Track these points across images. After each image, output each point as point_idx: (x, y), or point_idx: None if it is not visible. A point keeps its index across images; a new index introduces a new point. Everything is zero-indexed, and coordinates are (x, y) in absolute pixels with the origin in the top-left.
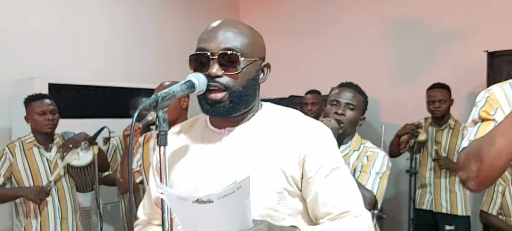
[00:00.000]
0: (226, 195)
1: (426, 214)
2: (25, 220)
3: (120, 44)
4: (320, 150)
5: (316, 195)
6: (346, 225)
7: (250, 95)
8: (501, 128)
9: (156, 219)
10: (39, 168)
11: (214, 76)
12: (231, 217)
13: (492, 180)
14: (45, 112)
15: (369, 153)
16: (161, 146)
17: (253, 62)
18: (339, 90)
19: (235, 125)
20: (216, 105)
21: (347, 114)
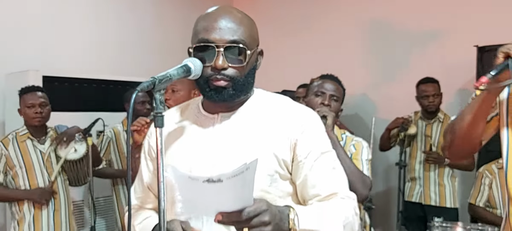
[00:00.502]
0: (236, 175)
1: (415, 206)
2: (18, 213)
3: (114, 38)
4: (311, 135)
5: (306, 178)
6: (334, 205)
7: (250, 83)
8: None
9: (148, 203)
10: (32, 160)
11: (220, 68)
12: (236, 196)
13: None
14: (34, 105)
15: (354, 142)
16: (157, 127)
17: (253, 52)
18: (322, 81)
19: (228, 110)
20: (220, 91)
21: (332, 105)
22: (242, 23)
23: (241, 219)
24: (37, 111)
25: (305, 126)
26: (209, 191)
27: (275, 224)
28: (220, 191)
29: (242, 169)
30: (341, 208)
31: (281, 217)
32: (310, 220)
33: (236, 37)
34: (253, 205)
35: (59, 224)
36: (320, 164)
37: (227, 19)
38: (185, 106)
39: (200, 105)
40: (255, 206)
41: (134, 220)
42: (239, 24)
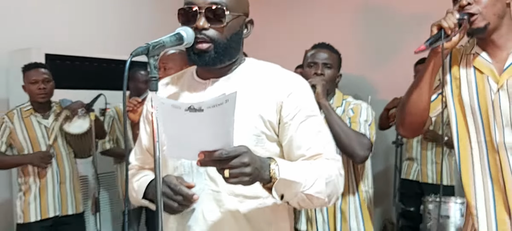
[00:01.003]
0: (215, 106)
1: (412, 184)
2: (24, 185)
3: (116, 16)
4: (297, 98)
5: (291, 139)
6: (317, 163)
7: (234, 48)
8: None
9: (147, 164)
10: (37, 135)
11: (200, 29)
12: (217, 131)
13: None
14: (37, 81)
15: (352, 106)
16: (152, 90)
17: (237, 17)
18: (314, 51)
19: (219, 76)
20: (202, 55)
21: (326, 73)
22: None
23: (221, 158)
24: (40, 87)
25: (291, 89)
26: (191, 123)
27: (255, 169)
28: (201, 123)
29: (221, 99)
30: (325, 167)
31: (262, 165)
32: (291, 172)
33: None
34: (234, 147)
35: (65, 195)
36: (306, 126)
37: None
38: (181, 74)
39: (194, 72)
40: (235, 147)
41: (132, 178)
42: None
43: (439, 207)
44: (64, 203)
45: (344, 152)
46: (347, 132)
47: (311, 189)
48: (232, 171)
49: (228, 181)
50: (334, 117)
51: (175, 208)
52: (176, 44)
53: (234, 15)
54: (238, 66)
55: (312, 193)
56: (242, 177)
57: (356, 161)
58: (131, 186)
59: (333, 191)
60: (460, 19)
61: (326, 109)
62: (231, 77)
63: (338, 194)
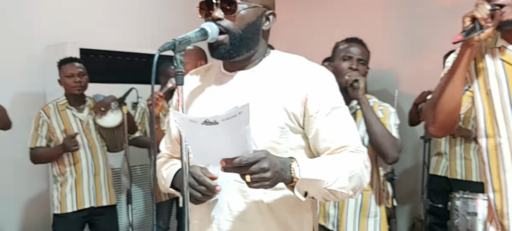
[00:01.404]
0: (229, 118)
1: (440, 180)
2: (61, 176)
3: (149, 12)
4: (322, 91)
5: (317, 132)
6: (342, 157)
7: (250, 39)
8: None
9: (176, 153)
10: (72, 127)
11: (216, 19)
12: (234, 141)
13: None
14: (73, 74)
15: (381, 107)
16: (178, 84)
17: (253, 7)
18: (348, 45)
19: (245, 68)
20: (218, 47)
21: (360, 68)
22: None
23: (240, 165)
24: (76, 80)
25: (316, 82)
26: (208, 134)
27: (275, 172)
28: (218, 134)
29: (235, 112)
30: (349, 161)
31: (282, 166)
32: (312, 170)
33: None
34: (252, 153)
35: (99, 187)
36: (331, 118)
37: None
38: (208, 67)
39: (221, 65)
40: (253, 153)
41: (161, 166)
42: None
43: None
44: (99, 195)
45: (377, 150)
46: (383, 131)
47: (334, 185)
48: (253, 177)
49: (250, 186)
50: (372, 115)
51: (198, 198)
52: (201, 39)
53: (250, 5)
54: (263, 58)
55: (336, 188)
56: (262, 182)
57: (388, 162)
58: (160, 174)
59: (357, 184)
60: (491, 10)
61: (365, 106)
62: (256, 69)
63: (363, 186)
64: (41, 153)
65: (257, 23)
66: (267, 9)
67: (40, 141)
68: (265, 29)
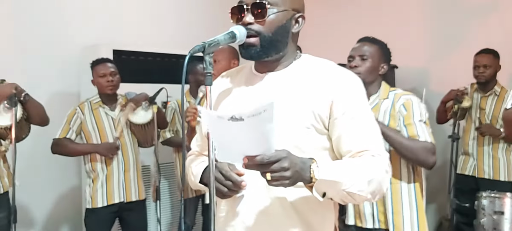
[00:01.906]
0: (254, 115)
1: (468, 179)
2: (93, 173)
3: (179, 14)
4: (348, 95)
5: (341, 134)
6: (363, 160)
7: (280, 41)
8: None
9: (205, 151)
10: (105, 125)
11: (247, 24)
12: (258, 138)
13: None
14: (105, 74)
15: (403, 100)
16: (207, 85)
17: (282, 11)
18: (357, 45)
19: (276, 70)
20: (248, 48)
21: (362, 65)
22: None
23: (262, 162)
24: (108, 80)
25: (343, 86)
26: (234, 131)
27: (295, 172)
28: (243, 131)
29: (260, 109)
30: (370, 165)
31: (302, 166)
32: (331, 172)
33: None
34: (274, 152)
35: (128, 182)
36: (355, 122)
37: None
38: (240, 69)
39: (252, 66)
40: (275, 152)
41: (191, 163)
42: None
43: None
44: (128, 190)
45: (412, 163)
46: (407, 146)
47: (353, 187)
48: (273, 175)
49: (270, 184)
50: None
51: (225, 193)
52: (230, 42)
53: (279, 9)
54: (294, 61)
55: (354, 191)
56: (282, 180)
57: (428, 168)
58: (190, 170)
59: (377, 189)
60: None
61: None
62: (286, 71)
63: (383, 191)
64: (68, 145)
65: (286, 26)
66: (296, 13)
67: (70, 134)
68: (294, 32)
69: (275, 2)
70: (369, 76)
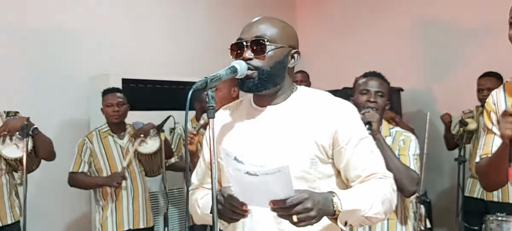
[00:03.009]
0: (268, 174)
1: (476, 202)
2: (103, 201)
3: (184, 43)
4: (350, 124)
5: (348, 162)
6: (373, 184)
7: (277, 75)
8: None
9: (207, 183)
10: (113, 154)
11: (246, 59)
12: (275, 190)
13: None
14: (112, 104)
15: (403, 137)
16: (210, 118)
17: (280, 47)
18: (366, 79)
19: (274, 103)
20: (247, 81)
21: (378, 101)
22: (273, 25)
23: (285, 206)
24: (115, 110)
25: (344, 117)
26: (251, 181)
27: (319, 209)
28: (260, 184)
29: (274, 170)
30: (380, 187)
31: (325, 202)
32: (351, 201)
33: (259, 33)
34: (295, 194)
35: (137, 210)
36: (360, 148)
37: (258, 22)
38: (239, 102)
39: (251, 100)
40: (297, 195)
41: (195, 195)
42: (269, 26)
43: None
44: (136, 217)
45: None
46: (399, 167)
47: (370, 211)
48: (299, 216)
49: (297, 225)
50: (387, 152)
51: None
52: (231, 76)
53: (277, 46)
54: (291, 94)
55: (371, 214)
56: (309, 220)
57: (405, 195)
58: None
59: (388, 208)
60: None
61: (379, 144)
62: (286, 104)
63: (392, 208)
64: (81, 179)
65: (283, 61)
66: (292, 49)
67: (83, 166)
68: (290, 67)
69: (273, 39)
70: (382, 113)
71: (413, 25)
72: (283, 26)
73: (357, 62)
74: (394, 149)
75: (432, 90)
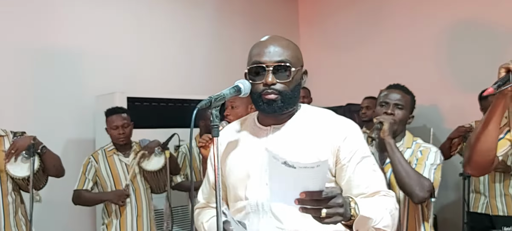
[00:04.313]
0: (307, 167)
1: (481, 217)
2: (107, 218)
3: (189, 60)
4: (352, 142)
5: (350, 179)
6: (379, 200)
7: (296, 97)
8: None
9: (213, 202)
10: (119, 172)
11: (270, 84)
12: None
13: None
14: (117, 126)
15: (422, 148)
16: (214, 137)
17: (299, 70)
18: (388, 91)
19: (279, 122)
20: (271, 104)
21: (396, 113)
22: (288, 47)
23: (320, 198)
24: (120, 132)
25: (346, 134)
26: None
27: (346, 209)
28: (295, 176)
29: (313, 164)
30: (385, 202)
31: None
32: (366, 209)
33: (282, 57)
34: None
35: (141, 227)
36: (362, 166)
37: (275, 44)
38: (243, 121)
39: (255, 119)
40: (330, 189)
41: (201, 217)
42: (285, 48)
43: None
44: None
45: (403, 190)
46: (408, 171)
47: (380, 224)
48: (328, 211)
49: (323, 221)
50: (397, 155)
51: None
52: (235, 95)
53: (297, 69)
54: (295, 113)
55: (381, 226)
56: (336, 217)
57: (414, 201)
58: (202, 226)
59: (394, 223)
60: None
61: (390, 146)
62: (290, 123)
63: (395, 225)
64: (84, 195)
65: (300, 82)
66: (302, 67)
67: (87, 184)
68: (302, 86)
69: (294, 62)
70: (400, 126)
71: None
72: (294, 47)
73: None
74: (411, 160)
75: (436, 105)
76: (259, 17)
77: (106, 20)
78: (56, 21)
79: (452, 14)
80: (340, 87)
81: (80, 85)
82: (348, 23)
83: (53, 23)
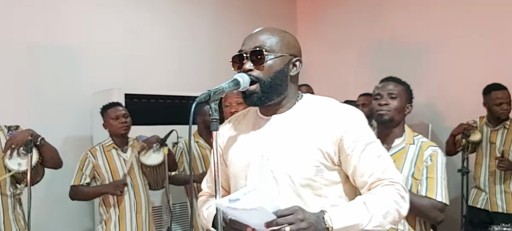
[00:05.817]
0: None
1: (480, 213)
2: (106, 214)
3: (187, 57)
4: (355, 130)
5: (355, 169)
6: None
7: (280, 85)
8: None
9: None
10: (117, 166)
11: (247, 70)
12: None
13: None
14: (118, 117)
15: (430, 151)
16: (213, 130)
17: (280, 57)
18: (381, 84)
19: (280, 112)
20: (251, 96)
21: (391, 103)
22: (272, 34)
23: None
24: (122, 121)
25: (348, 123)
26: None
27: (310, 223)
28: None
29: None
30: (382, 198)
31: (316, 219)
32: (344, 217)
33: (257, 44)
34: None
35: (140, 224)
36: (366, 154)
37: (257, 33)
38: (246, 112)
39: (257, 109)
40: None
41: (202, 206)
42: (268, 36)
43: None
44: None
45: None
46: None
47: (370, 224)
48: (291, 227)
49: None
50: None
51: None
52: (234, 89)
53: (276, 55)
54: (296, 102)
55: (371, 227)
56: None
57: (436, 224)
58: (202, 213)
59: (394, 217)
60: None
61: None
62: (291, 112)
63: (402, 215)
64: (82, 190)
65: (284, 70)
66: (293, 57)
67: (84, 179)
68: (292, 75)
69: (272, 49)
70: (397, 115)
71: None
72: (282, 35)
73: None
74: (419, 164)
75: (434, 101)
76: (257, 13)
77: (104, 16)
78: (54, 18)
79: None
80: (337, 83)
81: (77, 82)
82: (346, 19)
83: (51, 20)
